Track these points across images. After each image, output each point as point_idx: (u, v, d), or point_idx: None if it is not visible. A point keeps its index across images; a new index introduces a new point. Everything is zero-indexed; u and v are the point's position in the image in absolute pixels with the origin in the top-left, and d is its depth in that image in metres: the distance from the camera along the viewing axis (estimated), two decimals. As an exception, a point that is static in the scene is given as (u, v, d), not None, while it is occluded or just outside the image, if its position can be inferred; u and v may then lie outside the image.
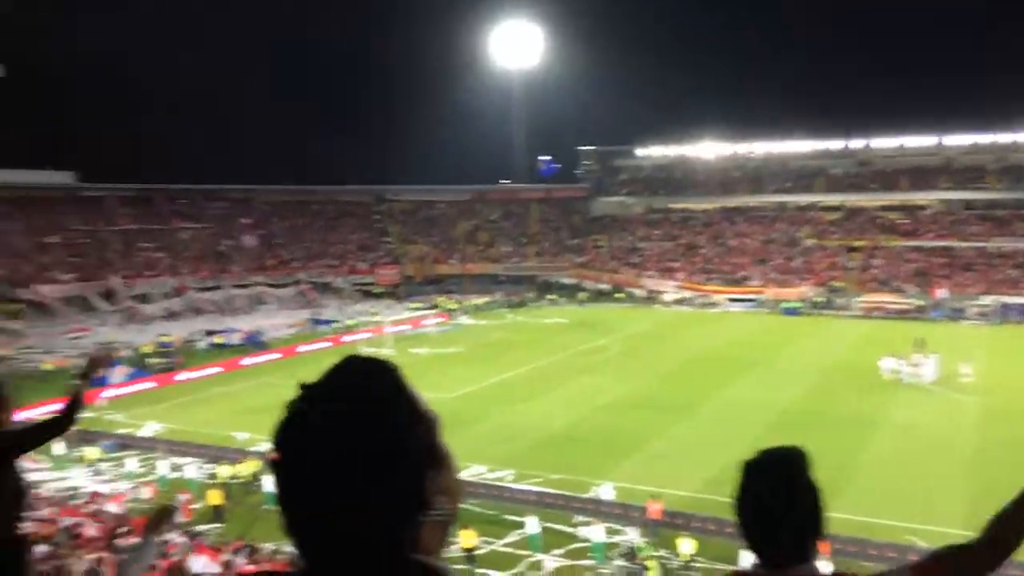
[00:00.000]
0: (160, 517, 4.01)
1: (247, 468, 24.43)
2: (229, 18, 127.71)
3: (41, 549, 13.65)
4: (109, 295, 58.56)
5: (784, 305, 59.96)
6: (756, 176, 79.47)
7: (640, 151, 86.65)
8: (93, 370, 4.55)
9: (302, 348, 47.99)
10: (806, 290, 62.23)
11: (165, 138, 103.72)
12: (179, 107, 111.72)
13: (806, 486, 1.88)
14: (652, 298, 66.60)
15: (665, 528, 19.79)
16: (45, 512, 19.22)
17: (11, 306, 52.28)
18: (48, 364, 41.87)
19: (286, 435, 1.09)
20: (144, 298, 59.78)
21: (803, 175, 77.27)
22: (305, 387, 1.13)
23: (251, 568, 16.17)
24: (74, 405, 4.26)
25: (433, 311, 62.55)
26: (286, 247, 73.72)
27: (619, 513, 20.85)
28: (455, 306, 64.49)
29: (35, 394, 27.08)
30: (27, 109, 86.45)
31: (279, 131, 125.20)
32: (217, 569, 16.29)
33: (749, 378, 37.19)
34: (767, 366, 39.96)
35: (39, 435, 4.14)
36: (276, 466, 1.08)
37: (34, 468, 24.34)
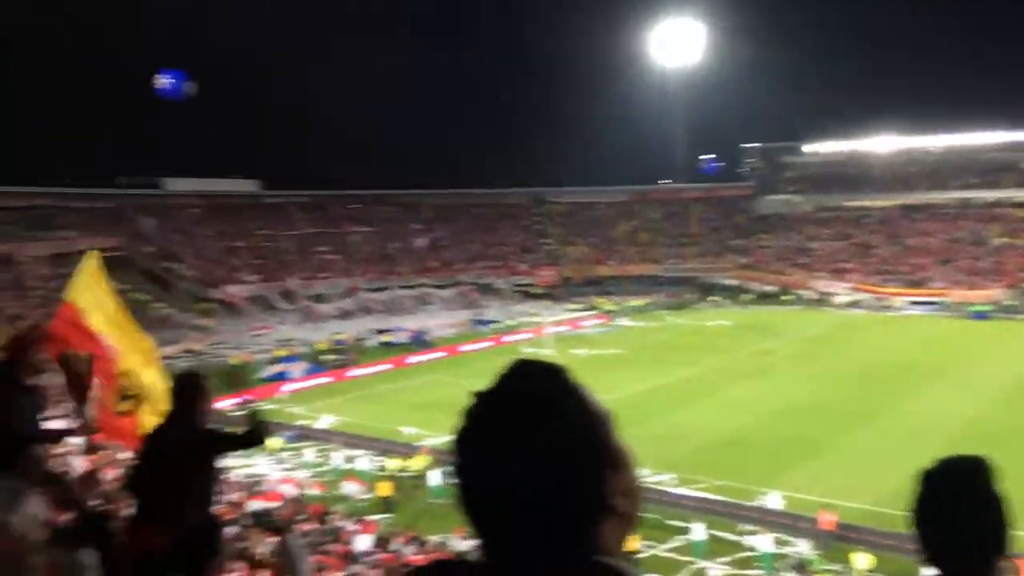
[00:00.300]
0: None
1: (417, 463, 25.37)
2: (390, 29, 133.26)
3: (229, 531, 14.74)
4: (288, 295, 62.47)
5: (972, 308, 55.49)
6: (936, 171, 74.20)
7: (808, 147, 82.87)
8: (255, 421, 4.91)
9: (465, 347, 49.31)
10: (996, 292, 57.39)
11: (338, 147, 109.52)
12: (350, 117, 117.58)
13: (990, 498, 1.73)
14: (822, 300, 63.55)
15: (838, 541, 18.85)
16: (234, 496, 20.77)
17: (204, 305, 56.90)
18: (236, 359, 45.22)
19: (464, 442, 1.12)
20: (319, 298, 63.32)
21: (989, 169, 71.40)
22: (479, 394, 1.15)
23: (419, 559, 16.79)
24: (259, 427, 4.67)
25: (592, 312, 62.54)
26: (449, 249, 76.00)
27: (788, 523, 20.05)
28: (614, 307, 64.19)
29: (224, 387, 29.37)
30: (218, 123, 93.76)
31: (442, 136, 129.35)
32: (376, 547, 17.03)
33: (932, 386, 34.72)
34: (952, 374, 37.16)
35: (235, 446, 4.59)
36: (457, 471, 1.11)
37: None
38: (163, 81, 19.43)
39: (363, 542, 17.49)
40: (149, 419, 6.74)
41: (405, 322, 57.64)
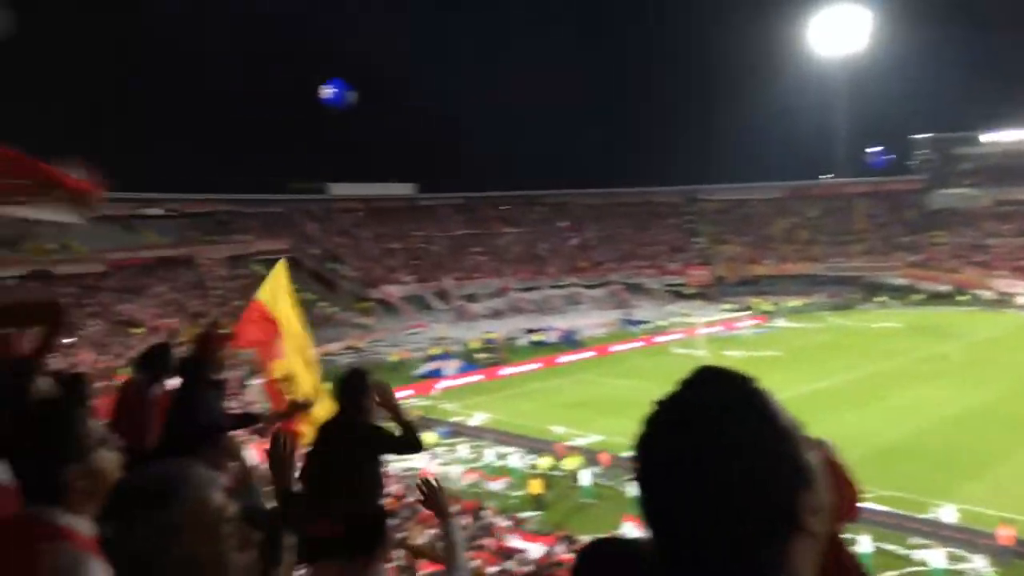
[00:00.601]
0: (440, 499, 4.40)
1: (570, 463, 25.51)
2: (540, 30, 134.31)
3: (389, 522, 15.30)
4: (442, 295, 64.29)
5: None
6: None
7: (986, 136, 76.80)
8: (387, 405, 5.12)
9: (615, 347, 49.06)
10: None
11: (489, 149, 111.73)
12: (499, 120, 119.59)
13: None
14: (1002, 301, 58.71)
15: (1019, 558, 17.44)
16: (393, 489, 21.63)
17: (364, 304, 59.55)
18: (394, 356, 47.04)
19: (644, 451, 1.09)
20: (472, 298, 64.80)
21: None
22: (660, 401, 1.11)
23: (569, 558, 16.87)
24: (412, 436, 4.90)
25: (747, 313, 60.65)
26: (599, 249, 75.83)
27: (963, 538, 18.71)
28: (771, 308, 61.96)
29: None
30: (376, 129, 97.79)
31: (592, 136, 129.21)
32: (540, 553, 17.22)
33: None
34: None
35: (394, 449, 4.85)
36: (637, 480, 1.09)
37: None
38: (328, 91, 20.48)
39: (533, 550, 17.69)
40: (304, 421, 7.24)
41: (555, 322, 57.98)
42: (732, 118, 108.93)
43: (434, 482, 3.93)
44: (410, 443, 5.03)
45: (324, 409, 7.33)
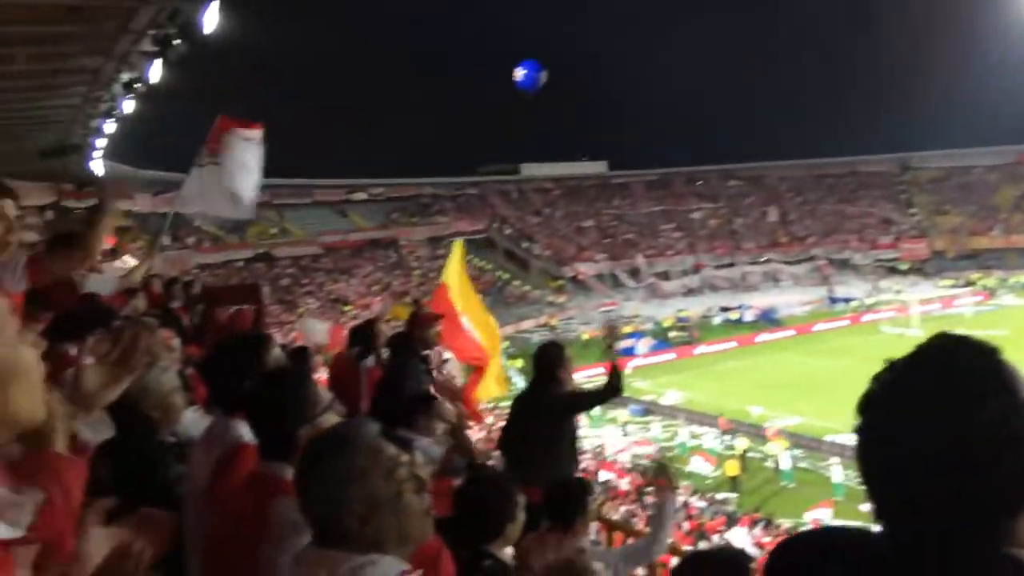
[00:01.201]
0: (664, 475, 4.40)
1: (769, 445, 24.73)
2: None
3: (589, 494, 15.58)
4: (634, 273, 63.89)
5: None
6: None
7: None
8: (611, 340, 5.24)
9: (818, 326, 46.75)
10: None
11: (680, 124, 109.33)
12: (689, 90, 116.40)
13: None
14: None
15: None
16: (583, 465, 21.96)
17: (556, 282, 60.38)
18: (585, 334, 47.43)
19: (871, 414, 1.07)
20: (664, 275, 63.93)
21: None
22: (892, 363, 1.08)
23: (767, 541, 16.43)
24: (615, 377, 4.98)
25: (968, 289, 55.70)
26: (800, 223, 72.27)
27: None
28: (995, 284, 56.50)
29: (576, 359, 30.95)
30: (568, 108, 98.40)
31: (789, 104, 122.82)
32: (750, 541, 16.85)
33: None
34: None
35: (595, 400, 4.95)
36: (862, 445, 1.08)
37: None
38: (520, 73, 20.84)
39: (737, 536, 17.44)
40: (487, 389, 7.54)
41: (752, 299, 56.06)
42: (948, 76, 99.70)
43: (662, 458, 4.09)
44: (613, 387, 5.10)
45: (500, 383, 7.65)
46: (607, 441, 27.61)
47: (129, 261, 18.83)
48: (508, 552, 3.18)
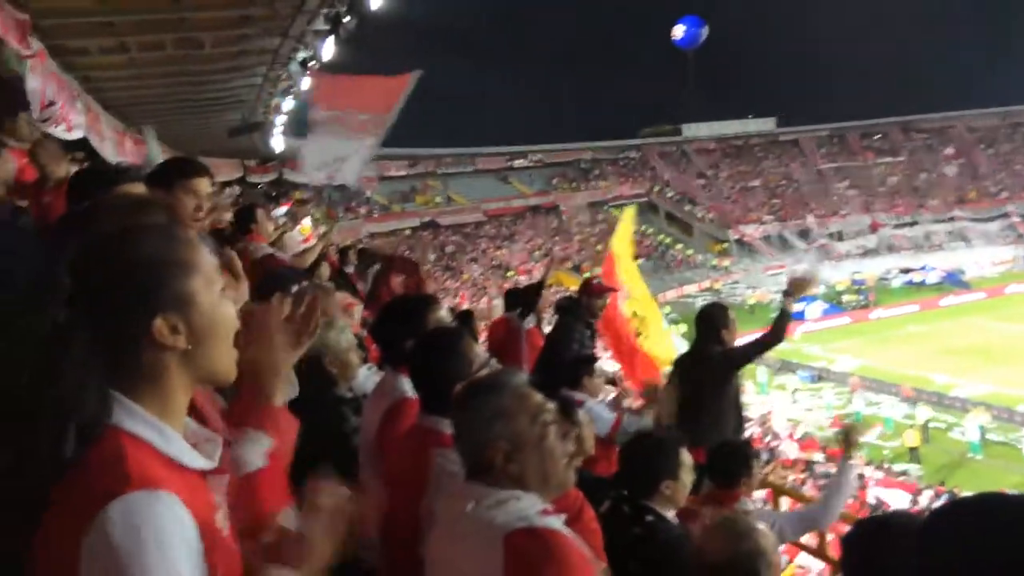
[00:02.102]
0: (850, 443, 4.23)
1: (969, 418, 23.08)
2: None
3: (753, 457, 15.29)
4: (804, 234, 61.09)
5: None
6: None
7: None
8: (797, 290, 5.05)
9: (1012, 288, 42.98)
10: None
11: (856, 75, 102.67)
12: (865, 42, 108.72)
13: None
14: None
15: None
16: (750, 432, 21.43)
17: (720, 245, 58.75)
18: (752, 298, 45.95)
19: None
20: (838, 236, 60.76)
21: None
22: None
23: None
24: (781, 320, 4.83)
25: None
26: (992, 177, 66.36)
27: None
28: None
29: (741, 325, 30.12)
30: (731, 64, 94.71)
31: (979, 45, 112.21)
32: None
33: None
34: None
35: (757, 349, 4.82)
36: None
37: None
38: (679, 31, 20.29)
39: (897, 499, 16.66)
40: (655, 352, 7.47)
41: (936, 260, 52.28)
42: None
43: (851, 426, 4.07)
44: (776, 333, 4.98)
45: (667, 351, 7.58)
46: (775, 408, 26.77)
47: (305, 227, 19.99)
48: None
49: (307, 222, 23.04)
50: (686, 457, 3.10)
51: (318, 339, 1.98)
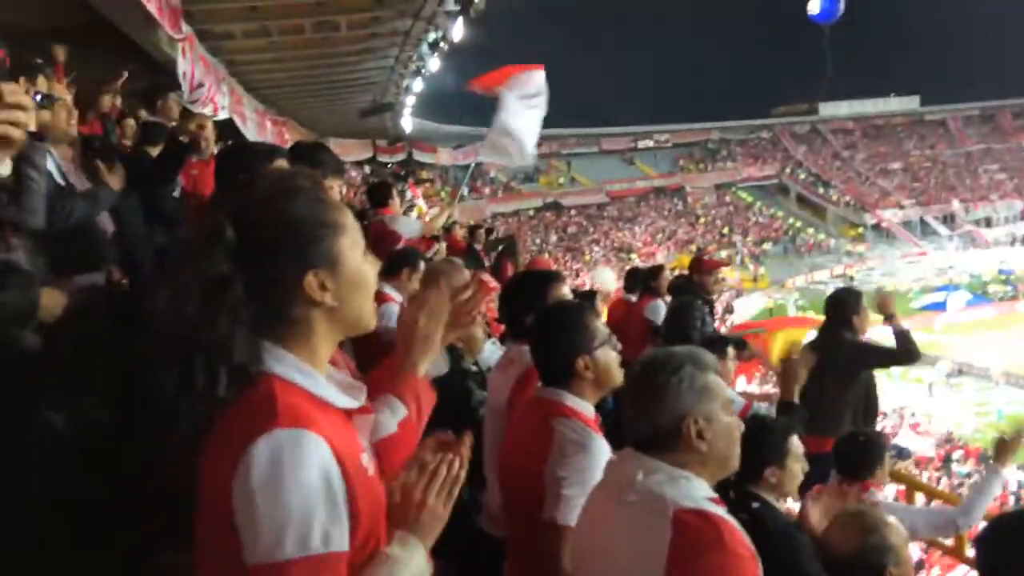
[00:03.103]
0: (1006, 449, 3.98)
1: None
2: None
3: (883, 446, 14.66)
4: (948, 219, 57.66)
5: None
6: None
7: None
8: (885, 311, 4.83)
9: None
10: None
11: (1007, 49, 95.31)
12: (1011, 11, 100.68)
13: None
14: None
15: None
16: (883, 427, 20.49)
17: (855, 230, 56.17)
18: (888, 287, 43.73)
19: None
20: (986, 222, 56.99)
21: None
22: None
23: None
24: (902, 341, 4.63)
25: None
26: None
27: None
28: None
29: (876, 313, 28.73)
30: (872, 39, 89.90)
31: None
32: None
33: None
34: None
35: (889, 359, 4.64)
36: None
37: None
38: (815, 5, 19.48)
39: None
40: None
41: (1100, 250, 48.19)
42: None
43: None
44: (906, 351, 4.78)
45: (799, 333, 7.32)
46: (910, 402, 25.51)
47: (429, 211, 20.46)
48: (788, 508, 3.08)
49: (421, 202, 23.59)
50: (795, 445, 2.99)
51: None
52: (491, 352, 3.98)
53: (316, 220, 1.37)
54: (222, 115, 10.63)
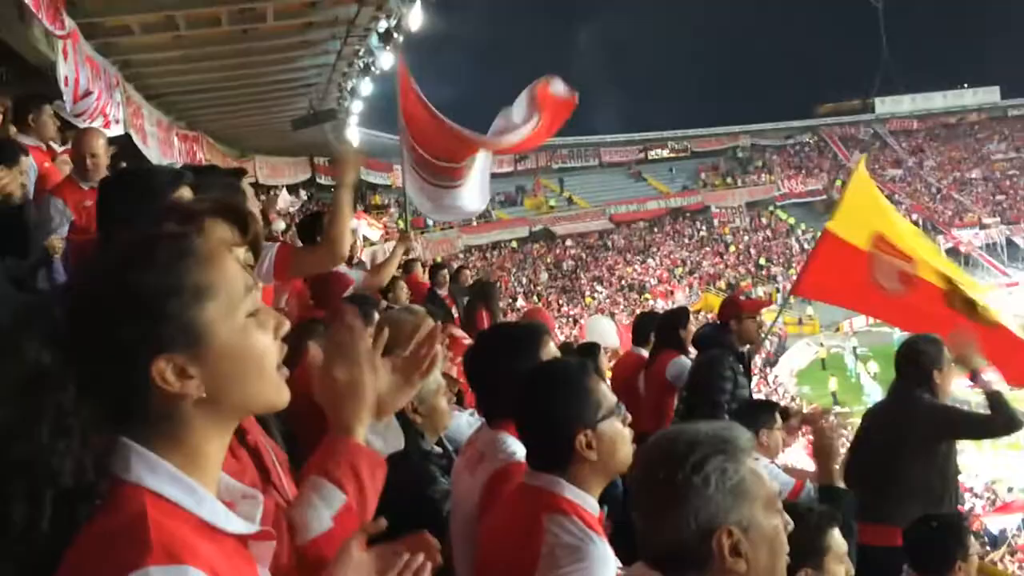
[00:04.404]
0: None
1: None
2: None
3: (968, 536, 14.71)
4: (1043, 240, 58.42)
5: None
6: None
7: None
8: (968, 364, 4.83)
9: None
10: None
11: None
12: None
13: None
14: None
15: None
16: (970, 505, 20.53)
17: (927, 257, 56.64)
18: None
19: None
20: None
21: None
22: None
23: None
24: (998, 407, 4.68)
25: None
26: None
27: None
28: None
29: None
30: (938, 19, 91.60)
31: None
32: None
33: None
34: None
35: (984, 429, 4.69)
36: None
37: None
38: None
39: None
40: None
41: None
42: None
43: None
44: (1004, 419, 4.80)
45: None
46: (1006, 474, 25.58)
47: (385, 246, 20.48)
48: None
49: (369, 231, 23.56)
50: (836, 541, 2.98)
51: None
52: (467, 427, 3.94)
53: (168, 289, 1.29)
54: (116, 130, 10.63)
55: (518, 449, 2.82)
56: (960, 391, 5.71)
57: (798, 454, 17.10)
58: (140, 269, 1.29)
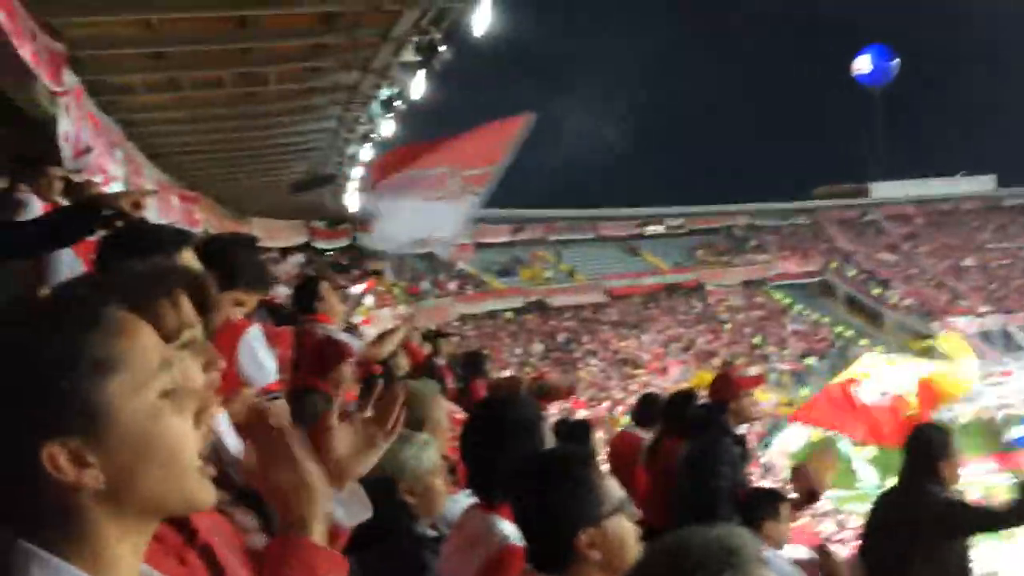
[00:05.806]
0: None
1: None
2: None
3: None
4: (1038, 330, 58.63)
5: None
6: None
7: None
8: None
9: None
10: None
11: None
12: None
13: None
14: None
15: None
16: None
17: (921, 342, 56.72)
18: (966, 415, 43.75)
19: None
20: (1085, 334, 57.94)
21: None
22: None
23: None
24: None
25: None
26: None
27: None
28: None
29: (971, 447, 28.63)
30: (934, 106, 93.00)
31: None
32: None
33: None
34: None
35: (999, 521, 4.58)
36: None
37: None
38: (862, 64, 20.13)
39: None
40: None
41: None
42: None
43: None
44: (1020, 512, 4.68)
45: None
46: (1008, 567, 25.23)
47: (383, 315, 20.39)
48: None
49: (368, 300, 23.53)
50: None
51: (392, 459, 1.91)
52: (459, 510, 3.81)
53: (64, 360, 1.12)
54: (115, 188, 10.61)
55: (511, 532, 2.72)
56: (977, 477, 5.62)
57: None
58: (27, 342, 1.13)
